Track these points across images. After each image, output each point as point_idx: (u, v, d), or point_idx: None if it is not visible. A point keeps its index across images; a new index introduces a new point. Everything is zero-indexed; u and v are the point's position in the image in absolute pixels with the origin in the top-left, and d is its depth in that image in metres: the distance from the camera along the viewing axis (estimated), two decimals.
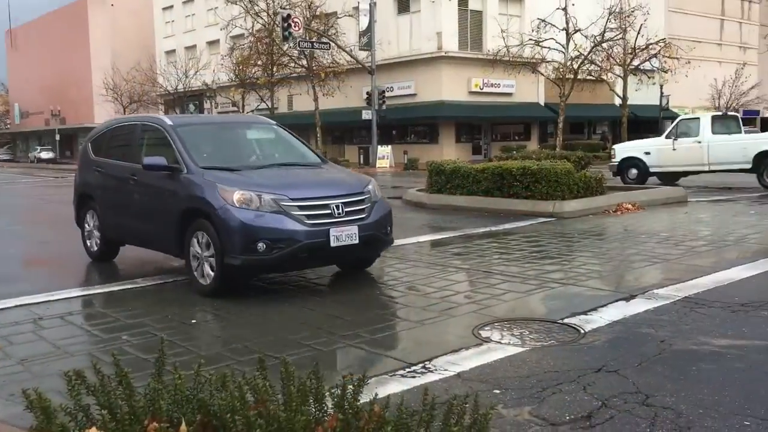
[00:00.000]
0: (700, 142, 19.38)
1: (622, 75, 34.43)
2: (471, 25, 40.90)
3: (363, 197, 7.13)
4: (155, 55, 61.99)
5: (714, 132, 19.36)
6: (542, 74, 35.69)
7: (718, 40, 60.98)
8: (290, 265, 6.99)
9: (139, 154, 7.97)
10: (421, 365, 4.61)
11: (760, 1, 60.59)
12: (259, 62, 39.24)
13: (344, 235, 6.71)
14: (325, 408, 2.28)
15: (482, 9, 41.15)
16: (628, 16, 33.15)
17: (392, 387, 4.20)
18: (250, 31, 38.75)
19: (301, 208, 6.64)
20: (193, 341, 5.40)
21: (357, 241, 6.82)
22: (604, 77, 35.09)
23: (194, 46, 57.54)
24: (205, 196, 6.76)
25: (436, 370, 4.53)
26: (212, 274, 6.76)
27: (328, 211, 6.74)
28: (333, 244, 6.66)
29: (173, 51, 60.03)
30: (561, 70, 32.42)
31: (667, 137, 20.42)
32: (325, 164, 8.32)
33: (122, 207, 8.27)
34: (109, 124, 9.41)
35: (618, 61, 34.01)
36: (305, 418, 2.08)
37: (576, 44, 31.55)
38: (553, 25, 31.86)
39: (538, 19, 32.77)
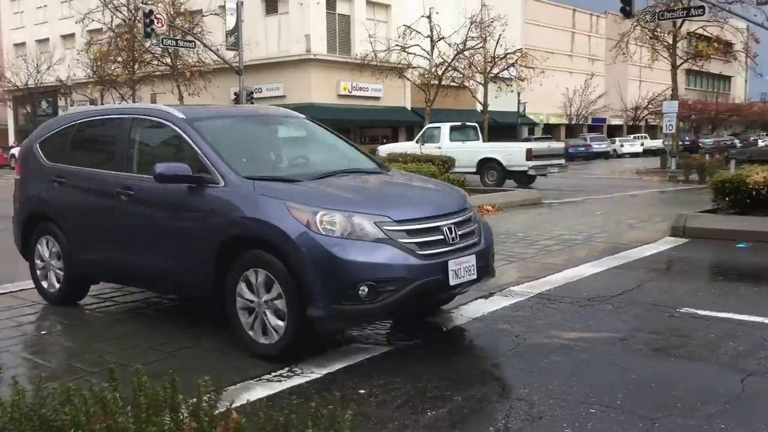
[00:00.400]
0: (440, 147, 21.72)
1: (482, 82, 35.87)
2: (339, 28, 41.19)
3: (470, 215, 5.31)
4: (2, 49, 57.57)
5: (452, 139, 22.31)
6: (408, 79, 36.49)
7: (570, 52, 65.10)
8: (393, 314, 5.22)
9: (129, 159, 5.92)
10: (287, 368, 4.57)
11: (607, 15, 65.20)
12: (120, 59, 37.45)
13: (462, 269, 4.90)
14: (181, 418, 2.21)
15: (350, 13, 41.56)
16: (488, 27, 34.59)
17: (257, 392, 4.15)
18: (109, 26, 36.87)
19: (410, 233, 4.73)
20: (41, 354, 5.06)
21: (475, 276, 5.04)
22: (467, 84, 36.38)
23: (47, 40, 53.92)
24: (268, 219, 4.73)
25: (302, 373, 4.52)
26: (279, 327, 4.75)
27: (441, 237, 4.87)
28: (452, 281, 4.84)
29: (23, 44, 55.96)
30: (426, 76, 33.30)
31: (417, 141, 23.03)
32: (389, 170, 6.40)
33: (107, 233, 5.95)
34: (72, 118, 6.85)
35: (479, 69, 35.40)
36: (157, 429, 2.00)
37: (440, 51, 32.51)
38: (419, 32, 32.69)
39: (404, 25, 33.49)
